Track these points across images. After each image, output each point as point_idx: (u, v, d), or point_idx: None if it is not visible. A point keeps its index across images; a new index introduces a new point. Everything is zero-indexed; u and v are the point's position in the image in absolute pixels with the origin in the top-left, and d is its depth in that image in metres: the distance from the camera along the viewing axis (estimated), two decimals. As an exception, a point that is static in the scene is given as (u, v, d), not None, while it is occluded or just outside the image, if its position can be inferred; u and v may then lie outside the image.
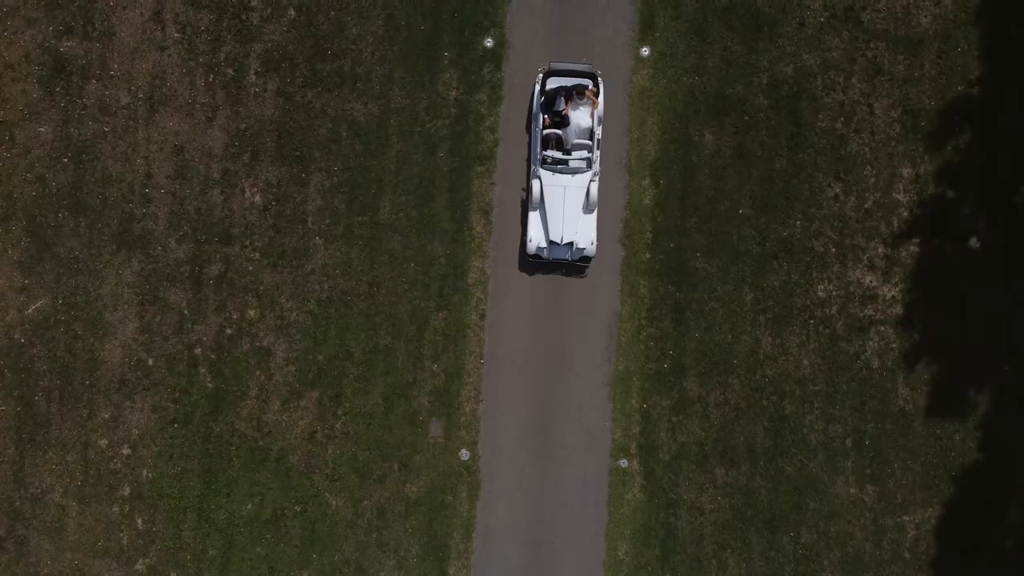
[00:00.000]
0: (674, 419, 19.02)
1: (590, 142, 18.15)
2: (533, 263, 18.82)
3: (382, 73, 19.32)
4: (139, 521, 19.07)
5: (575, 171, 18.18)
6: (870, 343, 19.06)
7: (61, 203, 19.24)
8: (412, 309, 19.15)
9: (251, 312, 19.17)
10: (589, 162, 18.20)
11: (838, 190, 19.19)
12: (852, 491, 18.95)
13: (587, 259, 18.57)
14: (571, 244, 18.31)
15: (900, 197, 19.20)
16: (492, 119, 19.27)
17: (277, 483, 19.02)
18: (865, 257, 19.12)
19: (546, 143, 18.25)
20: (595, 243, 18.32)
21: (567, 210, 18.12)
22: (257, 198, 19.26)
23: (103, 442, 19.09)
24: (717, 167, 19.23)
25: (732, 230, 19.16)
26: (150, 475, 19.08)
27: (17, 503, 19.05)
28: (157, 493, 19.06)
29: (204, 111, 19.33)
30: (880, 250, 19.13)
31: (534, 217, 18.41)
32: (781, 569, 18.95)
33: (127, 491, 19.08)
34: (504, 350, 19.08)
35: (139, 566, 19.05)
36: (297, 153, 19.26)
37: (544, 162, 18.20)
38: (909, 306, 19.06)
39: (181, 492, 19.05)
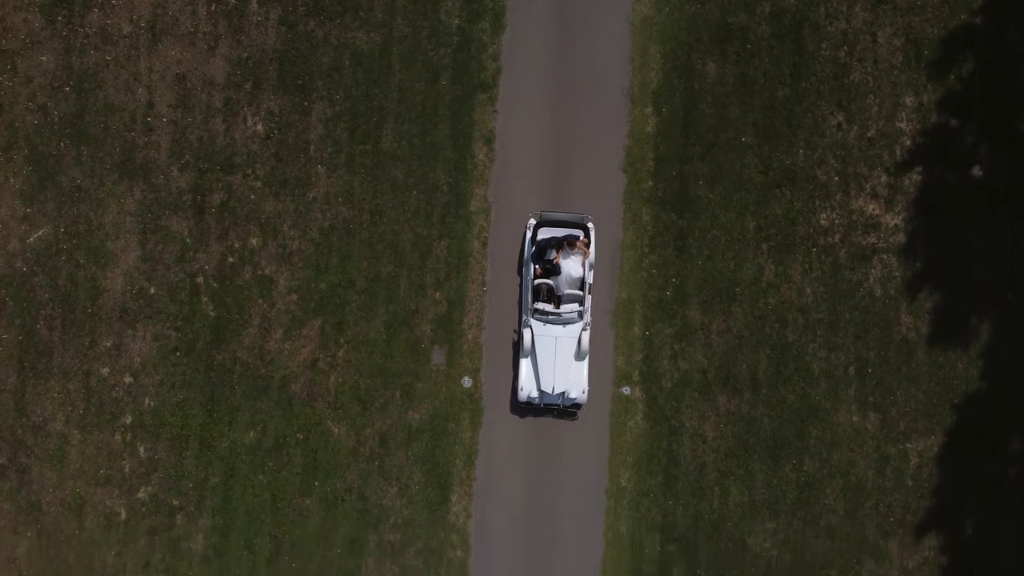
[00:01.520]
0: (676, 347, 19.01)
1: (581, 292, 18.23)
2: (524, 408, 18.82)
3: (384, 1, 19.28)
4: (141, 449, 19.06)
5: (567, 322, 18.22)
6: (873, 271, 19.05)
7: (63, 132, 19.22)
8: (414, 237, 19.13)
9: (253, 241, 19.16)
10: (581, 313, 18.24)
11: (841, 119, 19.17)
12: (855, 419, 18.95)
13: (577, 406, 18.64)
14: (563, 393, 18.33)
15: (903, 126, 19.18)
16: (495, 47, 19.25)
17: (279, 411, 19.01)
18: (868, 186, 19.10)
19: (537, 293, 18.29)
20: (586, 391, 18.43)
21: (558, 360, 18.23)
22: (259, 127, 19.24)
23: (105, 370, 19.08)
24: (719, 95, 19.22)
25: (735, 158, 19.15)
26: (152, 403, 19.07)
27: (19, 432, 19.04)
28: (159, 421, 19.05)
29: (206, 40, 19.31)
30: (883, 179, 19.12)
31: (525, 364, 18.46)
32: (784, 497, 18.93)
33: (129, 419, 19.06)
34: (506, 278, 19.04)
35: (141, 494, 19.04)
36: (299, 82, 19.24)
37: (536, 312, 18.23)
38: (912, 234, 19.05)
39: (183, 420, 19.03)
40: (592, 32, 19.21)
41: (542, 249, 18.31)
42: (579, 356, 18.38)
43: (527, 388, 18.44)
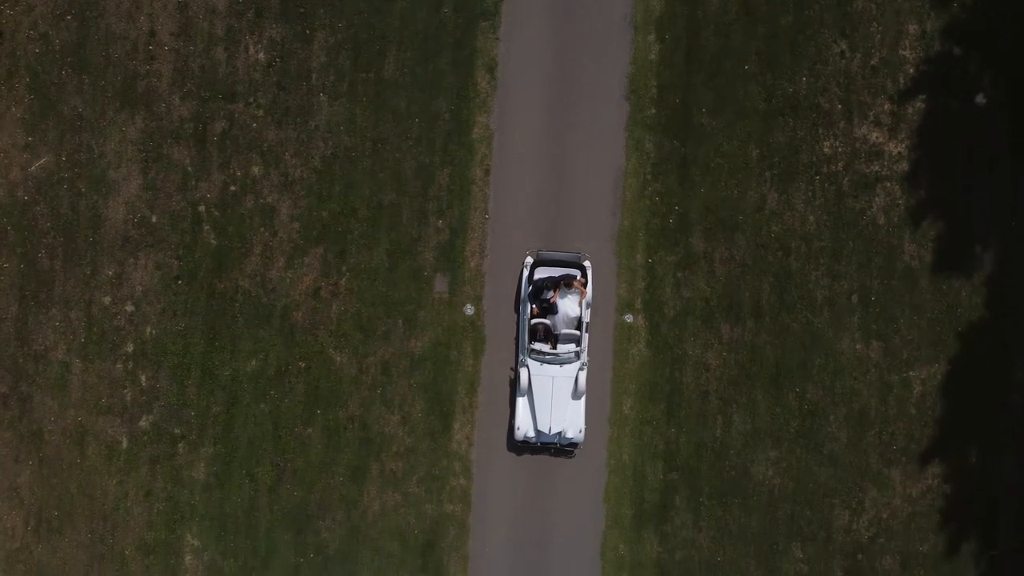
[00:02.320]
0: (679, 275, 18.96)
1: (578, 332, 18.12)
2: (521, 446, 18.74)
3: (386, -70, 19.26)
4: (143, 378, 19.02)
5: (563, 362, 18.13)
6: (876, 199, 18.99)
7: (64, 61, 19.17)
8: (416, 165, 19.08)
9: (255, 169, 19.11)
10: (578, 353, 18.14)
11: (844, 47, 19.10)
12: (858, 347, 18.90)
13: (575, 445, 18.54)
14: (560, 432, 18.22)
15: (906, 54, 19.11)
16: (497, -25, 19.21)
17: (281, 340, 18.97)
18: (871, 114, 19.04)
19: (534, 333, 18.16)
20: (583, 430, 18.29)
21: (555, 400, 18.09)
22: (261, 55, 19.18)
23: (107, 299, 19.04)
24: (723, 23, 19.15)
25: (738, 86, 19.08)
26: (154, 332, 19.03)
27: (20, 361, 19.00)
28: (161, 350, 19.01)
29: (208, -32, 19.27)
30: (886, 107, 19.05)
31: (522, 403, 18.32)
32: (787, 425, 18.89)
33: (131, 348, 19.03)
34: (508, 205, 18.99)
35: (143, 423, 19.01)
36: (301, 10, 19.18)
37: (532, 352, 18.12)
38: (915, 163, 18.99)
39: (185, 349, 18.99)
40: (595, -41, 19.18)
41: (539, 289, 18.16)
42: (576, 395, 18.25)
43: (524, 427, 18.31)
